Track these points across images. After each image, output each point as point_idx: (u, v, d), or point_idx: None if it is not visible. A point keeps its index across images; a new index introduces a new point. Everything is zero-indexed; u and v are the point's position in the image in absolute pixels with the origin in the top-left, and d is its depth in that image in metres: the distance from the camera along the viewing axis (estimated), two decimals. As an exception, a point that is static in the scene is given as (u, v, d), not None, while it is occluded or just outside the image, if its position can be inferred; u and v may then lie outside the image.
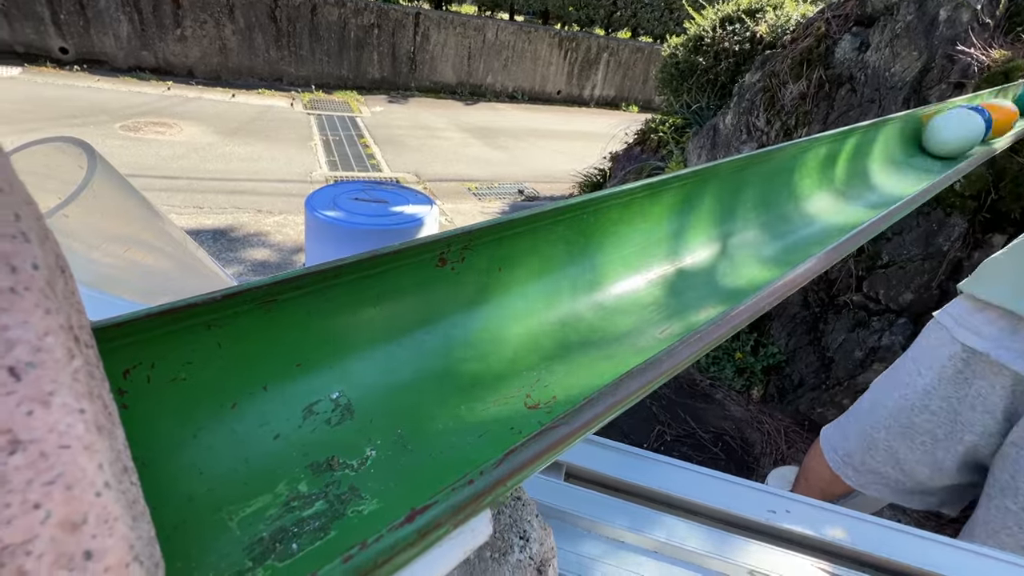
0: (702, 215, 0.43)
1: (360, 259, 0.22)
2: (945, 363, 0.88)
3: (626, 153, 3.56)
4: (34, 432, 0.09)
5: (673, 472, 0.39)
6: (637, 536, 0.32)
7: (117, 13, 4.85)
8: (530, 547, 0.20)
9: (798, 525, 0.34)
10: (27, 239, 0.09)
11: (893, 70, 1.64)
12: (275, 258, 2.39)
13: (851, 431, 1.11)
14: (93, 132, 3.56)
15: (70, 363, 0.10)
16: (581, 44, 7.35)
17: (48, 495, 0.10)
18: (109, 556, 0.10)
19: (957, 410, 0.87)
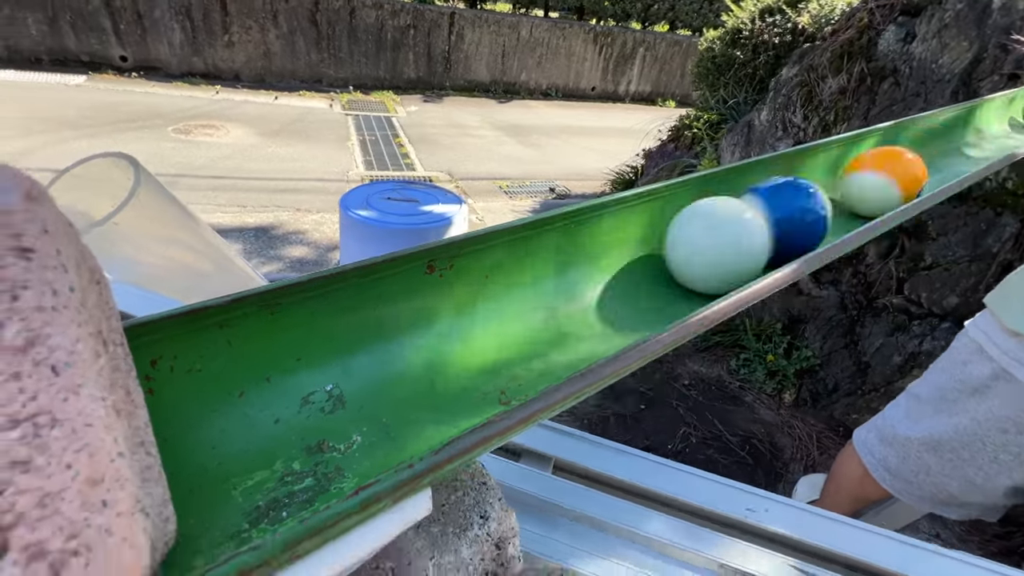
0: None
1: (357, 266, 0.25)
2: (976, 383, 0.85)
3: (659, 150, 3.50)
4: (68, 413, 0.12)
5: (656, 468, 0.40)
6: (617, 527, 0.33)
7: (171, 22, 5.13)
8: (488, 525, 0.22)
9: (774, 524, 0.35)
10: (65, 269, 0.12)
11: (941, 61, 1.56)
12: (312, 255, 2.49)
13: (887, 435, 1.08)
14: (148, 135, 3.79)
15: (96, 361, 0.13)
16: (616, 39, 7.26)
17: (77, 459, 0.13)
18: (120, 505, 0.13)
19: (995, 454, 0.83)
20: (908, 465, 1.01)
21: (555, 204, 3.65)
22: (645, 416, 1.75)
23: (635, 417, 1.74)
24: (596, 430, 1.67)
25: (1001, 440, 0.82)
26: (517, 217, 3.34)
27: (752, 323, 2.07)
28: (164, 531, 0.15)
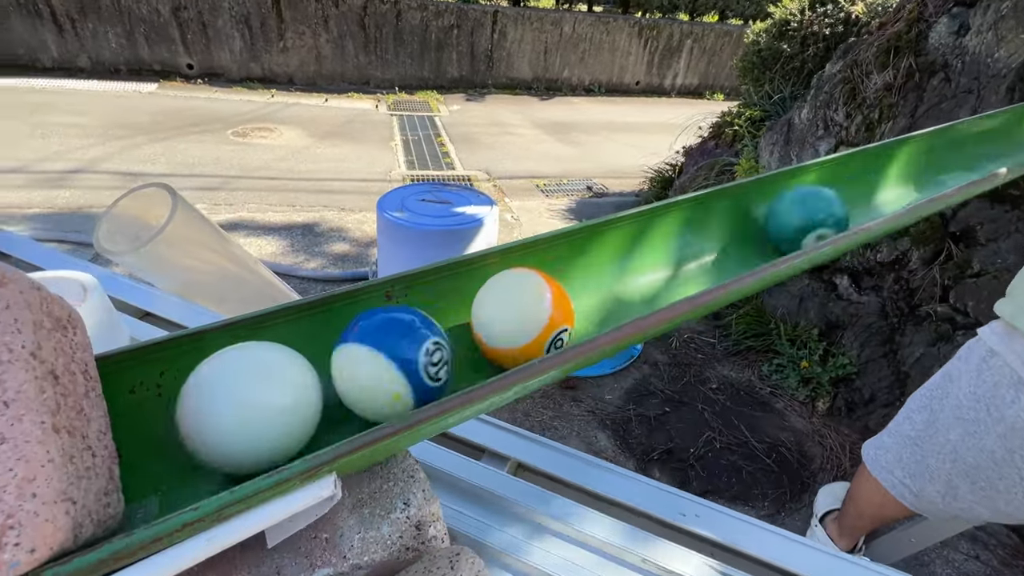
0: (646, 255, 0.47)
1: (325, 296, 0.30)
2: (1010, 409, 0.80)
3: (699, 147, 3.42)
4: (13, 434, 0.19)
5: (603, 473, 0.44)
6: (561, 524, 0.37)
7: (232, 31, 5.47)
8: (409, 510, 0.26)
9: (701, 527, 0.37)
10: (19, 331, 0.19)
11: (997, 55, 1.46)
12: (353, 251, 2.62)
13: (906, 456, 1.04)
14: (209, 139, 4.07)
15: (40, 396, 0.20)
16: (663, 31, 7.08)
17: (16, 465, 0.19)
18: (45, 496, 0.19)
19: (1021, 467, 0.79)
20: (935, 487, 0.97)
21: (591, 203, 3.65)
22: (669, 418, 1.75)
23: (659, 419, 1.74)
24: (619, 430, 1.69)
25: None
26: (552, 215, 3.35)
27: (787, 328, 2.01)
28: (101, 513, 0.22)
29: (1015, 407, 0.79)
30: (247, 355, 0.27)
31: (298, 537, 0.24)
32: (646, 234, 0.49)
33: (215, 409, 0.26)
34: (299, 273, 2.35)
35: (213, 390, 0.26)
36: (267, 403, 0.27)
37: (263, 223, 2.82)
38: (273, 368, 0.27)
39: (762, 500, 1.48)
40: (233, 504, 0.20)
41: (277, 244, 2.62)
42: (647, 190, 3.71)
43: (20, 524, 0.18)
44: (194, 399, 0.26)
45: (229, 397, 0.26)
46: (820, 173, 0.66)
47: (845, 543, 1.26)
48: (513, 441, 0.44)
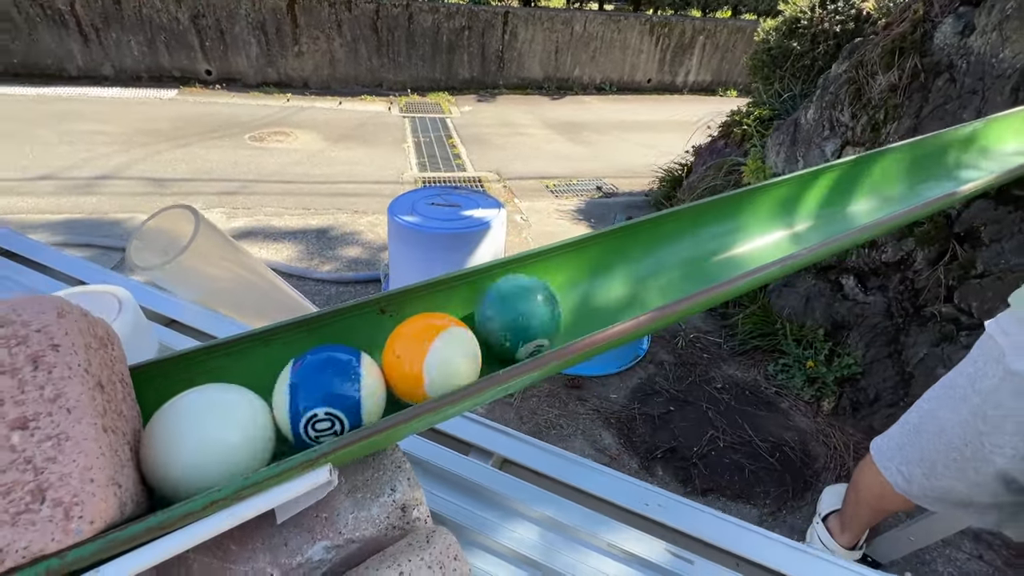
0: (615, 280, 0.51)
1: (323, 313, 0.35)
2: (985, 380, 0.84)
3: (709, 146, 3.42)
4: (75, 433, 0.24)
5: (579, 467, 0.48)
6: (536, 512, 0.41)
7: (249, 37, 5.59)
8: (395, 495, 0.31)
9: (663, 516, 0.41)
10: (76, 352, 0.24)
11: (1001, 56, 1.46)
12: (365, 255, 2.69)
13: (903, 440, 1.07)
14: (228, 144, 4.18)
15: (92, 403, 0.25)
16: (675, 28, 7.04)
17: (78, 457, 0.24)
18: (100, 480, 0.24)
19: (985, 431, 0.83)
20: (921, 468, 1.00)
21: (601, 203, 3.67)
22: (673, 417, 1.78)
23: (663, 418, 1.77)
24: (623, 429, 1.72)
25: (998, 440, 0.81)
26: (561, 215, 3.38)
27: (793, 327, 2.02)
28: (138, 495, 0.27)
29: (992, 379, 0.82)
30: (203, 398, 0.30)
31: (302, 515, 0.29)
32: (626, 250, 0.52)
33: (175, 451, 0.28)
34: (314, 276, 2.42)
35: (173, 432, 0.29)
36: (221, 440, 0.30)
37: (279, 227, 2.91)
38: (226, 409, 0.30)
39: (764, 498, 1.51)
40: (248, 487, 0.25)
41: (293, 248, 2.71)
42: (656, 190, 3.72)
43: (83, 502, 0.23)
44: (154, 445, 0.29)
45: (187, 438, 0.29)
46: (798, 184, 0.69)
47: (846, 539, 1.28)
48: (498, 438, 0.49)
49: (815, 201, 0.68)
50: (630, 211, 3.51)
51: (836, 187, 0.70)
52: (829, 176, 0.69)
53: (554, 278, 0.47)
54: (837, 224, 0.69)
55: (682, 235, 0.57)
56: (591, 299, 0.49)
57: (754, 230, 0.62)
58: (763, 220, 0.63)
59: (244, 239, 2.72)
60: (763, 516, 1.46)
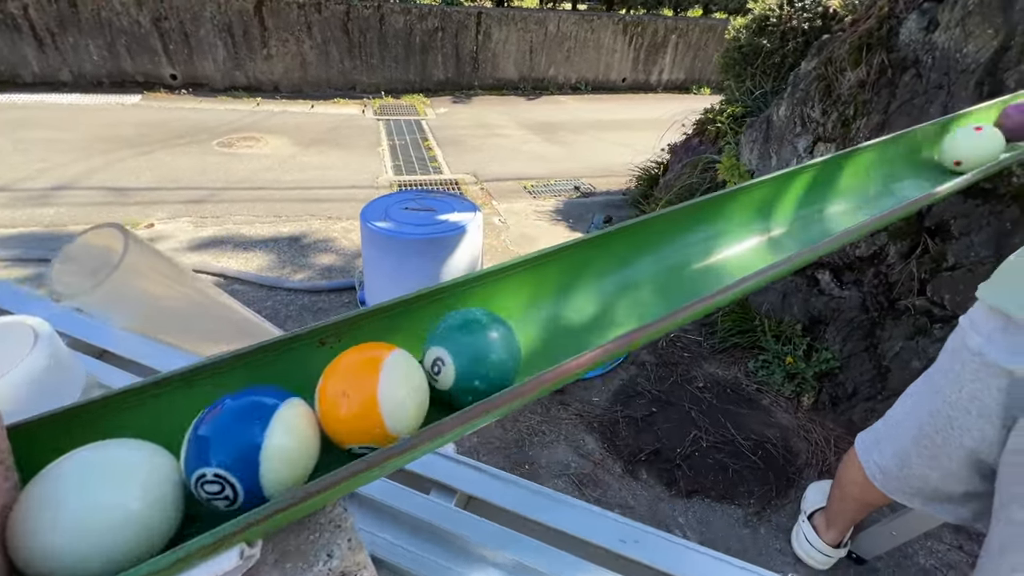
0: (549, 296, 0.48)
1: (253, 348, 0.31)
2: (951, 366, 0.84)
3: (684, 144, 3.44)
4: None
5: (552, 503, 0.44)
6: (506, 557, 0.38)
7: (215, 40, 5.44)
8: (332, 562, 0.28)
9: (640, 554, 0.38)
10: None
11: (965, 51, 1.48)
12: (340, 262, 2.62)
13: (886, 435, 1.07)
14: (195, 150, 4.05)
15: None
16: (647, 28, 7.10)
17: None
18: None
19: (953, 415, 0.83)
20: (895, 461, 1.00)
21: (579, 203, 3.66)
22: (656, 419, 1.76)
23: (646, 420, 1.75)
24: (606, 432, 1.70)
25: (965, 422, 0.82)
26: (539, 217, 3.35)
27: (772, 324, 2.03)
28: None
29: (955, 363, 0.83)
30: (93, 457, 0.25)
31: (227, 589, 0.25)
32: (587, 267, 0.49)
33: (48, 525, 0.24)
34: (286, 285, 2.34)
35: (49, 501, 0.24)
36: (112, 508, 0.25)
37: (250, 236, 2.82)
38: (122, 469, 0.25)
39: (748, 498, 1.50)
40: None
41: (264, 257, 2.62)
42: (634, 188, 3.73)
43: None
44: (25, 519, 0.24)
45: (66, 508, 0.24)
46: (776, 184, 0.67)
47: (832, 536, 1.28)
48: (463, 474, 0.45)
49: (792, 203, 0.66)
50: (608, 210, 3.51)
51: (812, 188, 0.68)
52: (804, 177, 0.67)
53: (516, 298, 0.44)
54: (816, 226, 0.68)
55: (656, 244, 0.54)
56: (560, 319, 0.45)
57: (731, 236, 0.59)
58: (740, 225, 0.61)
59: (213, 249, 2.63)
60: (748, 516, 1.45)
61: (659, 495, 1.50)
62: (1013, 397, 0.75)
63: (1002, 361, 0.73)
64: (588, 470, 1.56)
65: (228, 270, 2.39)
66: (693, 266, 0.55)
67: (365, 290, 2.22)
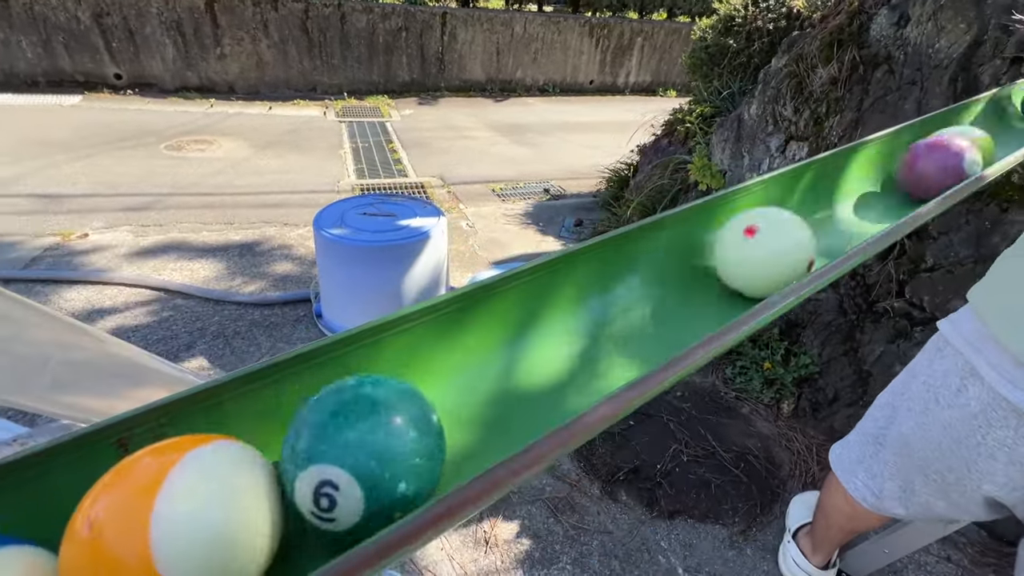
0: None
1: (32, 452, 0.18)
2: (957, 397, 0.76)
3: (653, 145, 3.40)
4: None
5: None
6: None
7: (163, 38, 5.14)
8: None
9: None
10: None
11: (937, 46, 1.44)
12: (296, 271, 2.44)
13: (867, 454, 0.99)
14: (141, 154, 3.79)
15: None
16: (613, 30, 7.11)
17: None
18: None
19: (971, 459, 0.75)
20: (895, 483, 0.93)
21: (549, 205, 3.57)
22: (635, 433, 1.67)
23: (624, 435, 1.66)
24: (583, 451, 1.60)
25: (989, 467, 0.74)
26: (508, 220, 3.24)
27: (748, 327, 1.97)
28: None
29: (962, 396, 0.75)
30: None
31: None
32: (545, 296, 0.38)
33: None
34: (234, 299, 2.16)
35: None
36: None
37: (196, 244, 2.61)
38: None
39: (732, 516, 1.42)
40: None
41: (211, 267, 2.42)
42: (604, 190, 3.66)
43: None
44: None
45: None
46: (763, 192, 0.58)
47: (819, 558, 1.21)
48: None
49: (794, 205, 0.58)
50: (579, 213, 3.43)
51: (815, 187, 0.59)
52: (808, 175, 0.58)
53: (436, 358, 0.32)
54: (828, 235, 0.59)
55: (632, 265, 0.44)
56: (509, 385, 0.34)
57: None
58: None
59: (154, 260, 2.42)
60: (733, 536, 1.37)
61: (640, 517, 1.40)
62: None
63: None
64: (564, 493, 1.45)
65: (169, 283, 2.19)
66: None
67: (321, 302, 2.06)
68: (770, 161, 1.94)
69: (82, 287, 2.18)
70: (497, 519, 1.36)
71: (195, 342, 1.92)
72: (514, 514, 1.38)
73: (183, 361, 1.83)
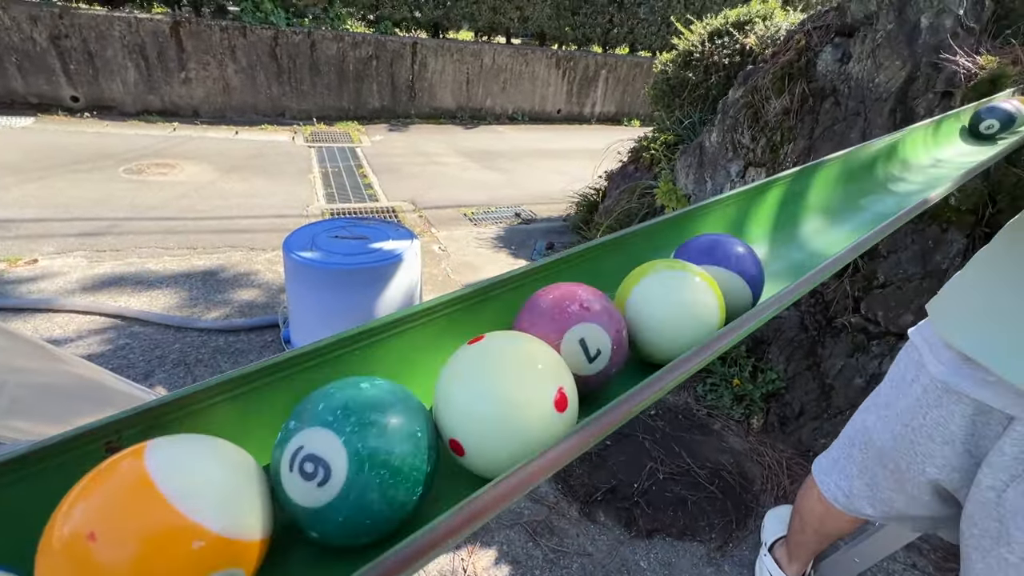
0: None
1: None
2: (910, 387, 0.82)
3: (621, 171, 3.51)
4: None
5: None
6: None
7: (124, 61, 5.03)
8: None
9: None
10: None
11: (877, 81, 1.57)
12: (263, 297, 2.38)
13: (842, 456, 1.03)
14: (97, 177, 3.65)
15: None
16: (579, 63, 7.39)
17: None
18: None
19: (914, 440, 0.80)
20: (862, 480, 0.97)
21: (521, 229, 3.61)
22: (611, 453, 1.67)
23: (600, 455, 1.66)
24: (559, 473, 1.59)
25: (928, 448, 0.79)
26: (480, 244, 3.26)
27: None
28: None
29: (915, 385, 0.81)
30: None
31: None
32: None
33: None
34: (197, 325, 2.08)
35: None
36: None
37: (157, 271, 2.51)
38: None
39: (709, 532, 1.43)
40: None
41: (173, 294, 2.33)
42: (574, 214, 3.75)
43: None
44: None
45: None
46: (724, 211, 0.61)
47: (795, 568, 1.23)
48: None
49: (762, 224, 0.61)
50: (550, 236, 3.49)
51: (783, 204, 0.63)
52: (773, 192, 0.62)
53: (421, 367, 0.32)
54: (798, 249, 0.63)
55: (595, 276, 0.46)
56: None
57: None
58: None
59: (110, 287, 2.31)
60: (711, 553, 1.37)
61: (619, 538, 1.39)
62: (979, 425, 0.72)
63: (968, 391, 0.71)
64: (542, 516, 1.43)
65: (126, 310, 2.09)
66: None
67: (290, 328, 2.01)
68: (731, 185, 2.04)
69: (29, 315, 2.06)
70: (475, 546, 1.33)
71: (153, 371, 1.83)
72: (492, 540, 1.35)
73: (140, 391, 1.74)
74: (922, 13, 1.46)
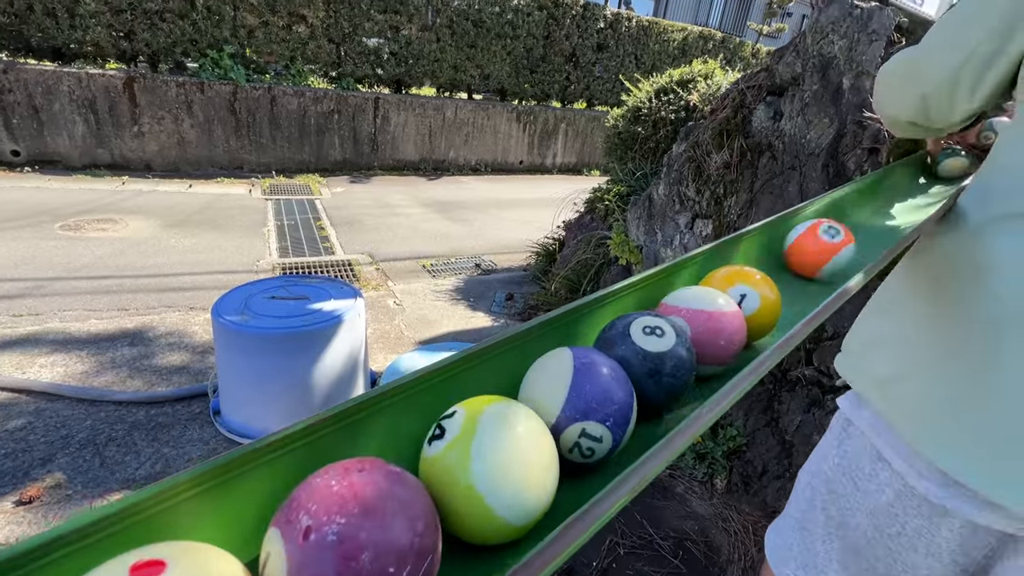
0: None
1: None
2: (877, 491, 0.74)
3: (578, 221, 3.54)
4: None
5: None
6: None
7: (72, 115, 4.90)
8: None
9: None
10: None
11: (808, 137, 1.61)
12: (195, 363, 2.20)
13: (795, 542, 0.94)
14: (29, 234, 3.44)
15: None
16: (539, 117, 7.66)
17: None
18: None
19: (895, 549, 0.72)
20: (833, 568, 0.87)
21: (480, 280, 3.56)
22: (567, 525, 1.54)
23: (556, 529, 1.53)
24: (512, 551, 1.45)
25: (912, 559, 0.70)
26: (438, 297, 3.16)
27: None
28: None
29: (874, 481, 0.72)
30: None
31: None
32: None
33: None
34: (114, 398, 1.88)
35: None
36: None
37: (78, 334, 2.31)
38: None
39: (674, 616, 1.31)
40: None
41: (93, 360, 2.13)
42: (534, 264, 3.73)
43: None
44: None
45: None
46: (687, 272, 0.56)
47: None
48: None
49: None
50: (510, 287, 3.44)
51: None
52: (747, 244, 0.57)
53: None
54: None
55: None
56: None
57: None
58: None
59: (21, 353, 2.09)
60: (676, 642, 1.24)
61: (575, 629, 1.25)
62: (966, 536, 0.65)
63: (965, 513, 0.63)
64: (490, 608, 1.28)
65: (34, 383, 1.88)
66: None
67: (220, 398, 1.84)
68: (680, 237, 2.04)
69: (-83, 393, 1.83)
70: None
71: (55, 455, 1.62)
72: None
73: (36, 480, 1.53)
74: (843, 75, 1.53)
